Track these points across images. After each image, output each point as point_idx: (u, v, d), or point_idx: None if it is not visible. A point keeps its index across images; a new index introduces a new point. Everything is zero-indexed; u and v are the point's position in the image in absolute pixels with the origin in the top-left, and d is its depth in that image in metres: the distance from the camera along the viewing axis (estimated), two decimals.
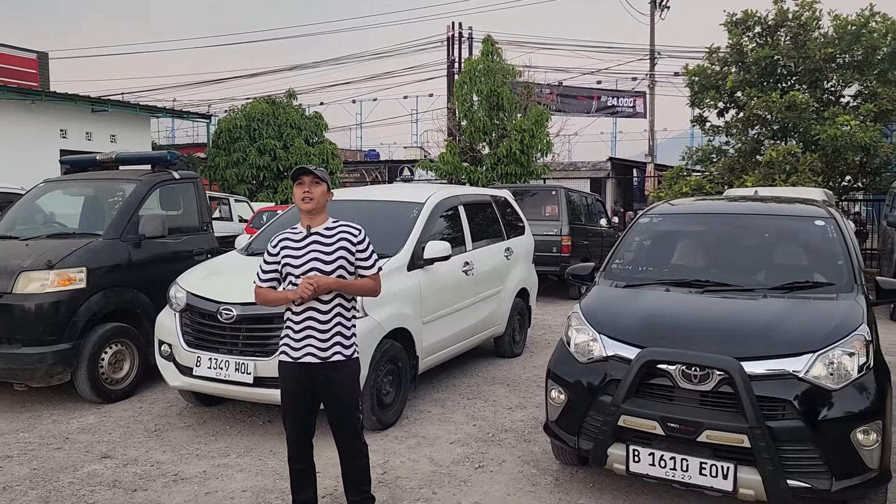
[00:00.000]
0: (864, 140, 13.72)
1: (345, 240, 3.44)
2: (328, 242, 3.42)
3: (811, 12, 15.59)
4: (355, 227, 3.50)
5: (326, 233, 3.45)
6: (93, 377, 5.67)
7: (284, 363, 3.44)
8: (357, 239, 3.46)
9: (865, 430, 3.40)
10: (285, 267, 3.42)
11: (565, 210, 11.79)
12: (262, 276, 3.51)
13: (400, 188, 7.47)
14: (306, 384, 3.41)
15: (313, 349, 3.36)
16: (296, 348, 3.39)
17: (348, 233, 3.46)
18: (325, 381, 3.39)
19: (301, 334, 3.38)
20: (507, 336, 7.38)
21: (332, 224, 3.49)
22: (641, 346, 3.74)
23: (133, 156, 7.36)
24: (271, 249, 3.49)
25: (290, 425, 3.50)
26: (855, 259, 4.35)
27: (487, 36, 18.52)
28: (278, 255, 3.46)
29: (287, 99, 23.14)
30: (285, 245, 3.46)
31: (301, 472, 3.55)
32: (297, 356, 3.38)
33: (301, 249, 3.41)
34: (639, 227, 5.17)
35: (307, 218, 3.46)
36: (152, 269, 6.25)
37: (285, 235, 3.50)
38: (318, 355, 3.36)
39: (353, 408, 3.50)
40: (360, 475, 3.60)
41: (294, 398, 3.45)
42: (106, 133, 18.85)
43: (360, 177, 31.17)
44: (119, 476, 4.32)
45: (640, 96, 28.20)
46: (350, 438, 3.53)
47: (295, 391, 3.44)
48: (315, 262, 3.37)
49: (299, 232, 3.48)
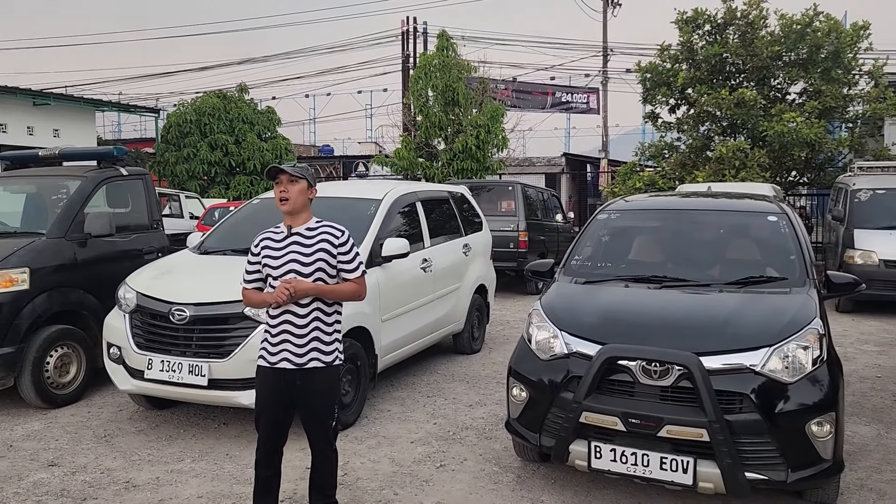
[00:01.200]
0: (810, 136, 14.09)
1: (326, 241, 3.33)
2: (308, 244, 3.31)
3: (758, 11, 15.94)
4: (339, 228, 3.40)
5: (307, 233, 3.34)
6: (37, 381, 5.45)
7: (261, 367, 3.34)
8: (339, 241, 3.35)
9: (819, 421, 3.47)
10: (265, 268, 3.34)
11: (522, 206, 11.83)
12: (247, 276, 3.43)
13: (356, 184, 7.38)
14: (283, 390, 3.30)
15: (289, 354, 3.27)
16: (272, 353, 3.30)
17: (330, 234, 3.35)
18: (302, 387, 3.29)
19: (277, 339, 3.29)
20: (466, 333, 7.36)
21: (314, 224, 3.38)
22: (602, 342, 3.75)
23: (78, 151, 7.11)
24: (254, 249, 3.40)
25: (263, 431, 3.38)
26: (807, 254, 4.44)
27: (442, 31, 18.45)
28: (259, 255, 3.37)
29: (239, 93, 22.71)
30: (266, 245, 3.37)
31: (268, 479, 3.45)
32: (274, 361, 3.29)
33: (280, 250, 3.32)
34: (597, 224, 5.19)
35: (288, 218, 3.36)
36: (99, 269, 6.04)
37: (267, 235, 3.41)
38: (294, 361, 3.27)
39: (328, 416, 3.41)
40: (326, 480, 3.52)
41: (269, 404, 3.35)
42: (49, 127, 18.23)
43: (314, 173, 30.79)
44: (67, 485, 4.16)
45: (594, 92, 28.48)
46: (322, 445, 3.45)
47: (270, 397, 3.33)
48: (293, 264, 3.27)
49: (281, 231, 3.38)
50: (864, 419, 5.31)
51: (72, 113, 19.03)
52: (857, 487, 4.09)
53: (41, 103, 17.99)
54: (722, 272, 4.50)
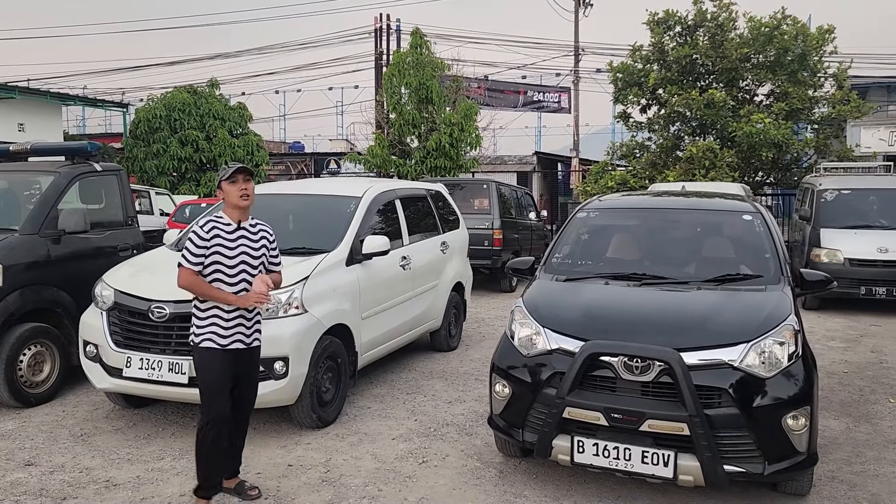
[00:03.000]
0: (777, 137, 14.41)
1: (265, 238, 3.84)
2: (254, 238, 3.78)
3: (728, 13, 16.25)
4: (269, 226, 3.93)
5: (252, 229, 3.80)
6: (10, 380, 5.35)
7: (210, 350, 3.68)
8: (272, 237, 3.89)
9: (795, 415, 3.58)
10: (215, 255, 3.65)
11: (496, 204, 11.89)
12: (193, 259, 3.65)
13: (335, 182, 7.35)
14: (231, 368, 3.72)
15: (242, 336, 3.72)
16: (224, 336, 3.68)
17: (267, 231, 3.87)
18: (244, 363, 3.78)
19: (231, 324, 3.68)
20: (444, 330, 7.39)
21: (254, 221, 3.84)
22: (584, 338, 3.80)
23: (51, 146, 6.96)
24: (203, 234, 3.66)
25: (219, 407, 3.71)
26: (781, 252, 4.55)
27: (416, 28, 18.45)
28: (210, 242, 3.65)
29: (209, 88, 22.44)
30: (217, 234, 3.67)
31: (224, 452, 3.83)
32: (226, 343, 3.68)
33: (233, 242, 3.69)
34: (576, 222, 5.26)
35: (240, 213, 3.74)
36: (74, 266, 5.95)
37: (216, 224, 3.70)
38: (244, 341, 3.74)
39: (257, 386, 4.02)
40: (243, 443, 4.04)
41: (223, 382, 3.72)
42: (13, 121, 17.85)
43: (286, 169, 30.55)
44: (46, 484, 4.10)
45: (565, 92, 28.69)
46: (249, 415, 3.98)
47: (222, 376, 3.70)
48: (245, 256, 3.71)
49: (229, 224, 3.72)
50: (833, 413, 5.47)
51: (37, 107, 18.65)
52: (828, 479, 4.21)
53: (5, 97, 17.61)
54: (699, 270, 4.60)
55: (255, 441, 4.77)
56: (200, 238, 3.64)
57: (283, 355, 4.63)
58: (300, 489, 4.06)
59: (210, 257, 3.63)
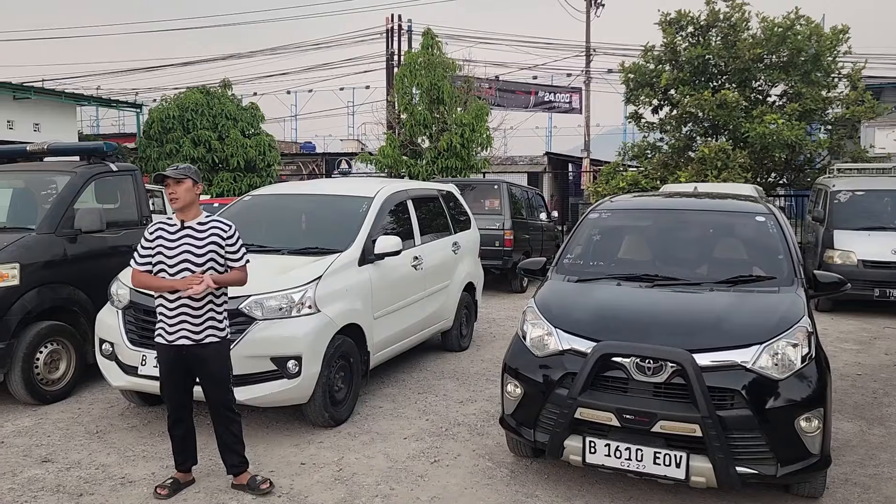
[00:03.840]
0: (790, 138, 14.32)
1: (216, 235, 3.81)
2: (200, 237, 3.79)
3: (741, 14, 16.16)
4: (226, 222, 3.87)
5: (199, 227, 3.81)
6: (27, 378, 5.42)
7: (160, 345, 3.85)
8: (227, 234, 3.84)
9: (808, 417, 3.57)
10: (158, 255, 3.77)
11: (507, 204, 11.89)
12: (140, 260, 3.82)
13: (347, 182, 7.40)
14: (181, 362, 3.83)
15: (187, 332, 3.78)
16: (170, 332, 3.79)
17: (219, 228, 3.83)
18: (199, 359, 3.83)
19: (175, 320, 3.77)
20: (455, 330, 7.41)
21: (204, 219, 3.84)
22: (596, 339, 3.81)
23: (67, 146, 7.03)
24: (148, 236, 3.82)
25: (170, 399, 3.93)
26: (794, 253, 4.54)
27: (427, 29, 18.45)
28: (154, 244, 3.79)
29: (222, 89, 22.54)
30: (160, 235, 3.80)
31: (181, 438, 3.99)
32: (172, 339, 3.79)
33: (174, 242, 3.77)
34: (588, 223, 5.27)
35: (179, 213, 3.80)
36: (90, 265, 6.01)
37: (161, 225, 3.84)
38: (192, 338, 3.79)
39: (225, 381, 3.95)
40: (235, 438, 4.01)
41: (170, 375, 3.88)
42: (29, 121, 17.99)
43: (297, 169, 30.65)
44: (62, 480, 4.15)
45: (577, 92, 28.61)
46: (223, 409, 3.97)
47: (170, 369, 3.86)
48: (187, 255, 3.75)
49: (174, 224, 3.82)
50: (846, 416, 5.44)
51: (52, 107, 18.80)
52: (841, 482, 4.20)
53: (21, 97, 17.75)
54: (712, 271, 4.59)
55: (268, 439, 4.81)
56: (145, 240, 3.83)
57: (296, 354, 4.67)
58: (313, 487, 4.09)
59: (155, 257, 3.78)
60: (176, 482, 4.02)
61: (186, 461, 4.07)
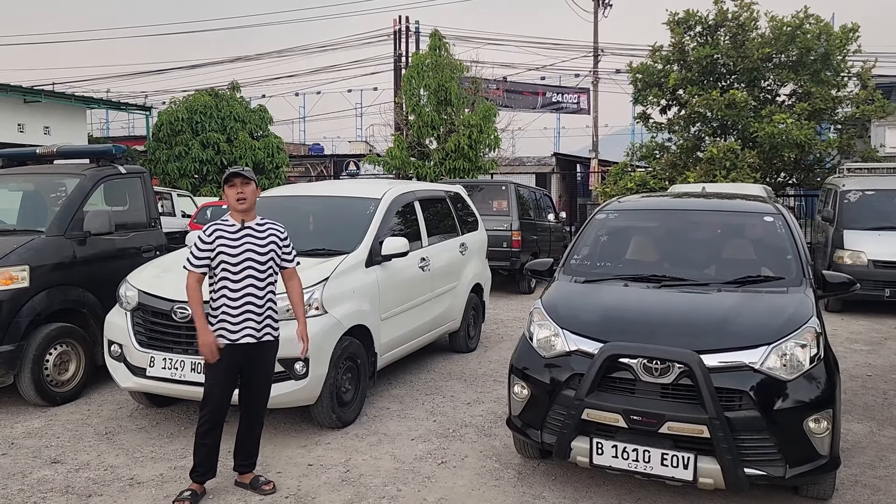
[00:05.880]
0: (800, 137, 14.25)
1: (274, 235, 3.95)
2: (261, 237, 3.89)
3: (749, 13, 16.10)
4: (279, 224, 4.02)
5: (258, 228, 3.92)
6: (37, 379, 5.45)
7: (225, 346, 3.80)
8: (283, 235, 4.00)
9: (817, 418, 3.55)
10: (219, 255, 3.79)
11: (515, 205, 11.89)
12: (195, 261, 3.83)
13: (355, 184, 7.42)
14: (238, 363, 3.84)
15: (251, 330, 3.82)
16: (233, 331, 3.80)
17: (276, 229, 3.98)
18: (255, 358, 3.88)
19: (239, 318, 3.80)
20: (462, 331, 7.41)
21: (261, 221, 3.97)
22: (603, 340, 3.80)
23: (77, 149, 7.08)
24: (205, 238, 3.83)
25: (218, 401, 3.85)
26: (803, 254, 4.51)
27: (435, 30, 18.48)
28: (213, 244, 3.81)
29: (230, 91, 22.65)
30: (220, 235, 3.83)
31: (212, 446, 3.91)
32: (235, 338, 3.80)
33: (237, 241, 3.83)
34: (595, 224, 5.25)
35: (241, 214, 3.89)
36: (99, 267, 6.05)
37: (219, 226, 3.87)
38: (254, 335, 3.84)
39: (270, 380, 4.09)
40: (255, 443, 4.08)
41: (227, 376, 3.85)
42: (39, 125, 18.14)
43: (305, 171, 30.74)
44: (71, 481, 4.17)
45: (584, 92, 28.60)
46: (261, 410, 4.05)
47: (228, 369, 3.83)
48: (250, 254, 3.83)
49: (233, 224, 3.88)
50: (856, 417, 5.41)
51: (62, 110, 18.94)
52: (851, 483, 4.17)
53: (32, 100, 17.89)
54: (720, 272, 4.57)
55: (276, 441, 4.82)
56: (202, 241, 3.82)
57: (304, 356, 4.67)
58: (320, 488, 4.10)
59: (216, 258, 3.80)
60: (195, 495, 3.89)
61: (207, 473, 3.94)
